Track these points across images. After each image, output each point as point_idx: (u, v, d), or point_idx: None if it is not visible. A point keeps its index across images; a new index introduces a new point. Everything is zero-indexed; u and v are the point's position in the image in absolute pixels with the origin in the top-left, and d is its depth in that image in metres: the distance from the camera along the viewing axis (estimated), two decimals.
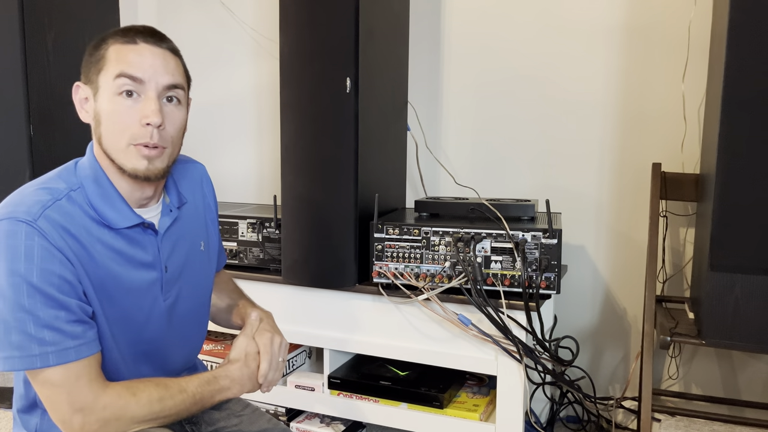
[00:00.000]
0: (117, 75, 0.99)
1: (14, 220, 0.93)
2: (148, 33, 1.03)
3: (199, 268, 1.18)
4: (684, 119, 1.81)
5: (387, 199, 1.85)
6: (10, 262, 0.91)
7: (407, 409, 1.68)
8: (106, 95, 0.99)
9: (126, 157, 1.00)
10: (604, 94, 1.91)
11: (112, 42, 1.01)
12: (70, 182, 1.00)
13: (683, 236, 1.87)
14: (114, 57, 1.00)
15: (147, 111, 0.99)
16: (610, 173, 1.93)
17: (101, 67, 1.00)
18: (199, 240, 1.19)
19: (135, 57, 0.99)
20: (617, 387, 1.98)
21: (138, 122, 0.99)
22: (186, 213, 1.16)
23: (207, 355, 1.94)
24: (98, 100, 1.00)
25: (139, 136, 0.99)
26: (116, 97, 0.99)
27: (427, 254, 1.60)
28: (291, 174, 1.70)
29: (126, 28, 1.03)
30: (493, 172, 2.05)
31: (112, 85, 0.99)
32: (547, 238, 1.51)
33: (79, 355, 0.94)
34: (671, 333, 1.45)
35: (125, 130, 0.99)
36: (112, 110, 0.99)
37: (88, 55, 1.03)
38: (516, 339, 1.50)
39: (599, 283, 1.97)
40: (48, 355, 0.91)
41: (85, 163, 1.04)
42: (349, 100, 1.61)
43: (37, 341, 0.91)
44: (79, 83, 1.04)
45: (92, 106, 1.02)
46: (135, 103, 0.99)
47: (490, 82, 2.03)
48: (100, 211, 1.00)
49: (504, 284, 1.54)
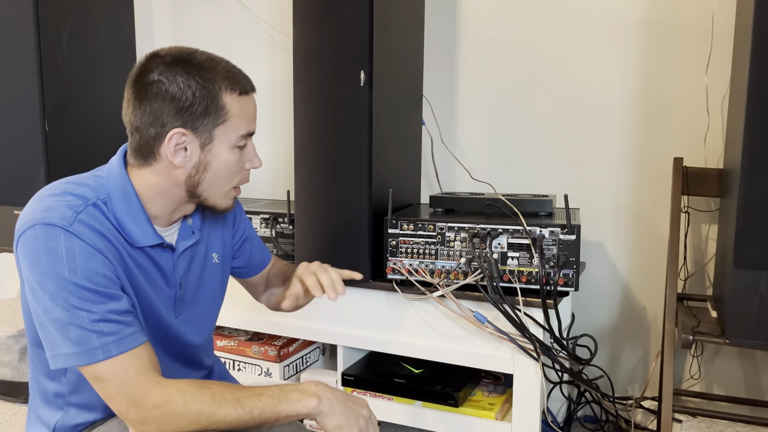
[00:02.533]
0: (246, 135, 1.04)
1: (49, 225, 0.93)
2: (248, 77, 1.06)
3: (212, 281, 1.19)
4: (707, 112, 1.77)
5: (401, 195, 1.83)
6: (53, 265, 0.92)
7: (422, 407, 1.66)
8: (224, 148, 1.02)
9: (225, 198, 1.07)
10: (623, 87, 1.86)
11: (226, 91, 1.00)
12: (98, 192, 1.00)
13: (705, 233, 1.82)
14: (237, 112, 1.01)
15: (252, 157, 1.07)
16: (629, 168, 1.89)
17: (222, 122, 1.00)
18: (213, 252, 1.19)
19: (253, 111, 1.06)
20: (636, 387, 1.94)
21: (242, 168, 1.07)
22: (204, 230, 1.16)
23: (220, 351, 1.93)
24: (211, 151, 1.01)
25: (243, 180, 1.09)
26: (235, 149, 1.03)
27: (442, 250, 1.58)
28: (304, 169, 1.68)
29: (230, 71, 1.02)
30: (509, 167, 2.02)
31: (234, 140, 1.02)
32: (566, 234, 1.48)
33: (138, 341, 0.96)
34: (693, 332, 1.41)
35: (235, 176, 1.06)
36: (230, 162, 1.03)
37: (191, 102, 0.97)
38: (533, 337, 1.48)
39: (618, 280, 1.93)
40: (109, 346, 0.93)
41: (115, 176, 1.03)
42: (363, 94, 1.58)
43: (96, 334, 0.92)
44: (181, 131, 0.98)
45: (196, 155, 1.01)
46: (242, 152, 1.05)
47: (506, 75, 1.99)
48: (123, 226, 1.00)
49: (521, 281, 1.51)
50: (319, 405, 0.98)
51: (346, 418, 0.99)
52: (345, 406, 1.00)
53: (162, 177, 1.02)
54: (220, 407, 0.94)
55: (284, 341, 1.91)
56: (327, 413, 0.99)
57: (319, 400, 0.98)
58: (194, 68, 0.99)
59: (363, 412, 1.03)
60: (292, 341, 1.92)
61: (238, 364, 1.92)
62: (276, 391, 0.98)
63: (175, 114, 0.98)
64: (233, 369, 1.93)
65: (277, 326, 1.81)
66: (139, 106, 0.99)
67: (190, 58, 1.00)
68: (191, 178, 1.03)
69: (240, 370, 1.92)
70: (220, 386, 0.97)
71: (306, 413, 0.98)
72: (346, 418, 0.99)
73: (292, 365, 1.91)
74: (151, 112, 0.98)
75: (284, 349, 1.88)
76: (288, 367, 1.89)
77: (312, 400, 0.98)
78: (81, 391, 1.05)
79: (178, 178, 1.02)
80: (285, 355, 1.88)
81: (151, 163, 1.01)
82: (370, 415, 1.04)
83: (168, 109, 0.98)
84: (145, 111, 0.99)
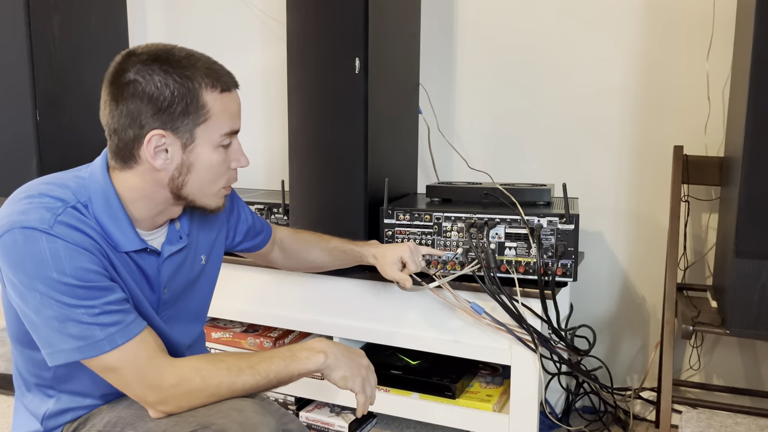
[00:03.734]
0: (229, 133, 1.01)
1: (28, 228, 0.90)
2: (230, 73, 1.02)
3: (198, 283, 1.17)
4: (708, 100, 1.74)
5: (398, 185, 1.81)
6: (39, 268, 0.90)
7: (419, 398, 1.64)
8: (206, 147, 0.99)
9: (214, 199, 1.04)
10: (623, 74, 1.83)
11: (207, 89, 0.97)
12: (78, 194, 0.97)
13: (706, 222, 1.80)
14: (219, 110, 0.98)
15: (238, 156, 1.04)
16: (629, 157, 1.86)
17: (203, 121, 0.97)
18: (201, 255, 1.17)
19: (236, 108, 1.02)
20: (635, 377, 1.93)
21: (228, 167, 1.03)
22: (193, 234, 1.14)
23: (215, 343, 1.92)
24: (193, 151, 0.98)
25: (231, 180, 1.06)
26: (219, 149, 1.00)
27: (438, 240, 1.56)
28: (299, 158, 1.65)
29: (210, 68, 0.99)
30: (507, 156, 1.99)
31: (218, 139, 0.99)
32: (564, 224, 1.46)
33: (140, 326, 0.96)
34: (693, 322, 1.39)
35: (221, 176, 1.03)
36: (214, 162, 1.00)
37: (169, 101, 0.94)
38: (531, 328, 1.46)
39: (617, 270, 1.91)
40: (114, 336, 0.93)
41: (97, 179, 1.00)
42: (358, 82, 1.56)
43: (99, 326, 0.92)
44: (160, 132, 0.95)
45: (178, 156, 0.98)
46: (226, 151, 1.02)
47: (505, 62, 1.96)
48: (106, 230, 0.97)
49: (518, 271, 1.49)
50: (326, 360, 1.03)
51: (350, 369, 1.05)
52: (348, 358, 1.06)
53: (144, 180, 0.99)
54: (238, 377, 0.97)
55: (280, 333, 1.89)
56: (333, 366, 1.04)
57: (326, 355, 1.03)
58: (172, 66, 0.95)
59: (363, 362, 1.08)
60: (288, 333, 1.90)
61: None
62: (285, 352, 1.02)
63: (153, 115, 0.95)
64: None
65: (272, 318, 1.79)
66: (116, 108, 0.96)
67: (168, 56, 0.96)
68: (174, 181, 1.00)
69: None
70: (231, 356, 1.00)
71: (315, 369, 1.02)
72: (350, 369, 1.05)
73: None
74: (128, 113, 0.95)
75: (280, 341, 1.86)
76: None
77: (320, 356, 1.03)
78: (73, 379, 1.04)
79: (161, 180, 0.99)
80: (281, 347, 1.86)
81: (132, 165, 0.99)
82: (369, 363, 1.10)
83: (146, 109, 0.94)
84: (122, 112, 0.96)
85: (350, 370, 1.05)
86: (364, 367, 1.08)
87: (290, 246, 1.43)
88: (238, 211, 1.30)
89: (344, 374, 1.04)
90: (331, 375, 1.04)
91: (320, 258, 1.45)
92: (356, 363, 1.07)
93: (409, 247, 1.43)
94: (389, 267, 1.41)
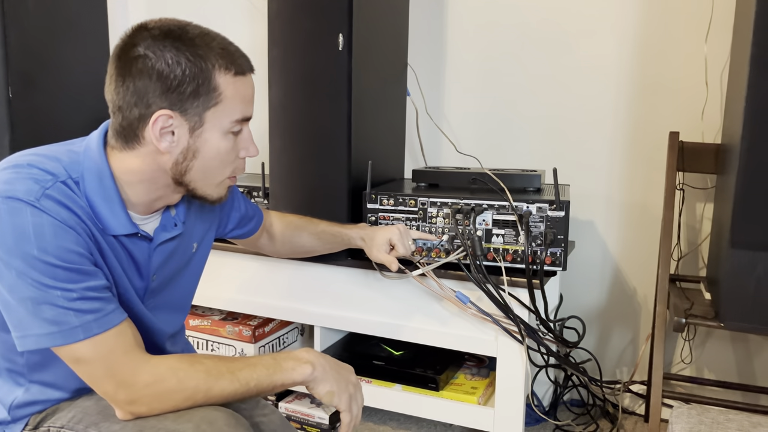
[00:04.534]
0: (241, 120, 0.95)
1: (13, 198, 0.84)
2: (246, 56, 0.97)
3: (187, 271, 1.11)
4: (705, 84, 1.68)
5: (384, 169, 1.74)
6: (19, 243, 0.84)
7: (401, 390, 1.59)
8: (215, 133, 0.92)
9: (216, 189, 0.98)
10: (617, 56, 1.77)
11: (220, 71, 0.91)
12: (70, 170, 0.91)
13: (700, 212, 1.75)
14: (231, 94, 0.92)
15: (248, 144, 0.98)
16: (622, 143, 1.80)
17: (214, 104, 0.91)
18: (194, 242, 1.11)
19: (250, 93, 0.97)
20: (625, 370, 1.88)
21: (236, 156, 0.97)
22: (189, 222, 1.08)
23: (193, 331, 1.86)
24: (201, 136, 0.92)
25: (238, 170, 0.99)
26: (228, 136, 0.94)
27: (423, 227, 1.50)
28: (279, 139, 1.59)
29: (226, 49, 0.93)
30: (498, 141, 1.93)
31: (228, 125, 0.93)
32: (554, 211, 1.40)
33: (119, 318, 0.90)
34: (686, 314, 1.34)
35: (228, 165, 0.97)
36: (222, 149, 0.94)
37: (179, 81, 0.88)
38: (518, 318, 1.40)
39: (608, 260, 1.86)
40: (90, 324, 0.86)
41: (92, 155, 0.93)
42: (341, 59, 1.49)
43: (75, 312, 0.85)
44: (168, 113, 0.89)
45: (184, 140, 0.91)
46: (236, 138, 0.96)
47: (496, 44, 1.90)
48: (96, 211, 0.91)
49: (506, 260, 1.43)
50: (313, 372, 0.96)
51: (337, 385, 0.98)
52: (336, 372, 1.00)
53: (145, 162, 0.93)
54: (216, 382, 0.91)
55: (259, 321, 1.83)
56: (320, 379, 0.97)
57: (313, 367, 0.96)
58: (185, 43, 0.89)
59: (351, 378, 1.03)
60: (268, 321, 1.84)
61: (211, 345, 1.85)
62: (269, 360, 0.95)
63: (161, 94, 0.88)
64: (206, 349, 1.85)
65: (251, 305, 1.73)
66: (122, 84, 0.89)
67: (181, 32, 0.90)
68: (178, 165, 0.94)
69: (213, 350, 1.85)
70: (212, 359, 0.94)
71: (301, 381, 0.96)
72: (337, 384, 0.99)
73: (268, 346, 1.83)
74: (135, 90, 0.89)
75: (259, 329, 1.80)
76: (264, 348, 1.82)
77: (306, 367, 0.96)
78: (46, 368, 0.98)
79: (164, 164, 0.93)
80: (260, 335, 1.80)
81: (134, 146, 0.92)
82: (358, 381, 1.05)
83: (154, 87, 0.88)
84: (128, 89, 0.89)
85: (338, 385, 0.99)
86: (352, 384, 1.02)
87: (279, 231, 1.38)
88: (232, 198, 1.25)
89: (331, 389, 0.98)
90: (316, 388, 0.98)
91: (309, 242, 1.40)
92: (344, 378, 1.01)
93: (399, 229, 1.37)
94: (377, 249, 1.35)
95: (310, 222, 1.40)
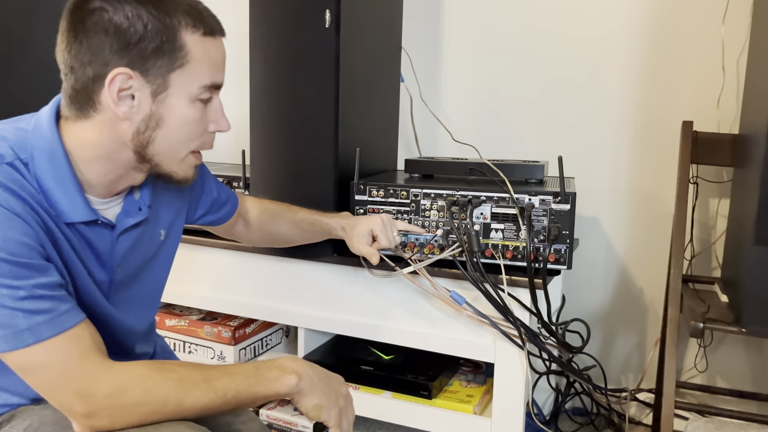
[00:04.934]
0: (210, 86, 0.85)
1: None
2: (216, 17, 0.87)
3: (155, 261, 1.01)
4: (722, 69, 1.56)
5: (376, 159, 1.63)
6: None
7: (391, 398, 1.47)
8: (180, 99, 0.83)
9: (182, 165, 0.89)
10: (626, 39, 1.65)
11: (187, 29, 0.81)
12: (18, 150, 0.80)
13: (714, 207, 1.63)
14: (199, 56, 0.83)
15: (218, 117, 0.89)
16: (630, 134, 1.69)
17: (179, 65, 0.81)
18: (161, 229, 1.00)
19: (220, 58, 0.87)
20: (631, 377, 1.77)
21: (205, 129, 0.88)
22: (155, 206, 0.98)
23: (169, 331, 1.74)
24: (165, 101, 0.82)
25: (206, 144, 0.90)
26: (196, 104, 0.85)
27: (416, 220, 1.38)
28: (260, 125, 1.47)
29: (194, 6, 0.83)
30: (497, 130, 1.82)
31: (195, 90, 0.84)
32: (559, 203, 1.28)
33: (75, 319, 0.79)
34: (704, 318, 1.22)
35: (195, 138, 0.88)
36: (189, 118, 0.85)
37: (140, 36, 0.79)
38: (518, 321, 1.29)
39: (614, 259, 1.75)
40: (40, 327, 0.76)
41: (43, 132, 0.82)
42: (328, 37, 1.37)
43: (23, 313, 0.75)
44: (127, 72, 0.79)
45: (146, 105, 0.82)
46: (205, 108, 0.87)
47: (496, 27, 1.78)
48: (49, 196, 0.80)
49: (505, 257, 1.32)
50: (299, 383, 0.87)
51: (326, 397, 0.90)
52: (326, 384, 0.91)
53: (103, 133, 0.82)
54: (189, 392, 0.81)
55: (240, 321, 1.71)
56: (307, 392, 0.88)
57: (300, 377, 0.87)
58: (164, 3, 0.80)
59: (342, 390, 0.94)
60: (250, 321, 1.72)
61: (188, 347, 1.73)
62: (251, 369, 0.86)
63: (119, 50, 0.79)
64: (183, 352, 1.73)
65: (231, 305, 1.61)
66: (75, 40, 0.79)
67: None
68: (140, 136, 0.83)
69: (191, 353, 1.73)
70: (185, 367, 0.83)
71: (285, 392, 0.87)
72: (326, 396, 0.90)
73: (249, 348, 1.71)
74: (89, 47, 0.79)
75: (240, 331, 1.68)
76: (244, 350, 1.70)
77: (292, 377, 0.86)
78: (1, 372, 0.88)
79: (124, 134, 0.83)
80: (241, 337, 1.68)
81: (89, 114, 0.82)
82: (348, 393, 0.96)
83: (111, 43, 0.78)
84: (81, 45, 0.79)
85: (326, 398, 0.89)
86: (342, 396, 0.93)
87: (255, 218, 1.27)
88: (203, 180, 1.14)
89: (318, 402, 0.89)
90: (302, 401, 0.88)
91: (286, 231, 1.29)
92: (334, 390, 0.91)
93: (382, 218, 1.25)
94: (357, 240, 1.23)
95: (289, 209, 1.28)
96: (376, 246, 1.24)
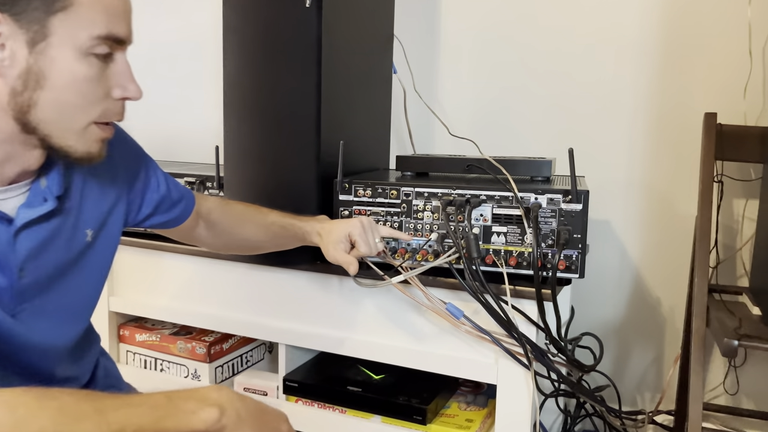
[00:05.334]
0: (105, 37, 0.72)
1: None
2: None
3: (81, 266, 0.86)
4: (749, 55, 1.43)
5: (365, 156, 1.49)
6: None
7: (381, 422, 1.33)
8: (65, 51, 0.70)
9: (82, 139, 0.75)
10: (640, 24, 1.53)
11: None
12: None
13: (740, 209, 1.49)
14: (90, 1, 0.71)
15: (124, 80, 0.76)
16: (645, 129, 1.55)
17: (61, 8, 0.68)
18: (87, 228, 0.86)
19: (119, 4, 0.74)
20: (647, 397, 1.62)
21: (107, 94, 0.75)
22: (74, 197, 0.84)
23: (140, 347, 1.58)
24: (44, 53, 0.69)
25: (111, 114, 0.77)
26: (88, 59, 0.72)
27: (407, 223, 1.23)
28: (235, 118, 1.32)
29: None
30: (497, 125, 1.69)
31: (85, 41, 0.71)
32: (569, 203, 1.13)
33: None
34: (738, 335, 1.07)
35: (94, 104, 0.74)
36: (79, 75, 0.72)
37: None
38: (523, 338, 1.14)
39: (627, 266, 1.61)
40: None
41: None
42: (309, 18, 1.23)
43: None
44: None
45: (21, 56, 0.69)
46: (105, 68, 0.74)
47: (496, 13, 1.66)
48: None
49: (509, 264, 1.17)
50: (221, 418, 0.72)
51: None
52: (256, 419, 0.76)
53: None
54: (72, 425, 0.66)
55: (217, 336, 1.56)
56: (232, 429, 0.73)
57: (222, 411, 0.72)
58: None
59: (282, 428, 0.81)
60: (228, 336, 1.57)
61: (160, 364, 1.57)
62: (161, 399, 0.71)
63: None
64: (154, 369, 1.58)
65: (205, 319, 1.47)
66: None
67: None
68: (18, 97, 0.69)
69: (163, 370, 1.57)
70: (74, 395, 0.68)
71: (203, 429, 0.72)
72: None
73: (227, 366, 1.56)
74: None
75: (216, 346, 1.53)
76: (221, 368, 1.55)
77: (212, 411, 0.72)
78: None
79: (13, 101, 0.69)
80: (217, 353, 1.53)
81: None
82: (291, 429, 0.82)
83: None
84: None
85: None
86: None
87: (219, 220, 1.13)
88: (147, 174, 0.99)
89: None
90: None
91: (255, 235, 1.15)
92: (269, 428, 0.78)
93: (361, 222, 1.10)
94: (333, 246, 1.09)
95: (258, 211, 1.14)
96: (354, 254, 1.09)
